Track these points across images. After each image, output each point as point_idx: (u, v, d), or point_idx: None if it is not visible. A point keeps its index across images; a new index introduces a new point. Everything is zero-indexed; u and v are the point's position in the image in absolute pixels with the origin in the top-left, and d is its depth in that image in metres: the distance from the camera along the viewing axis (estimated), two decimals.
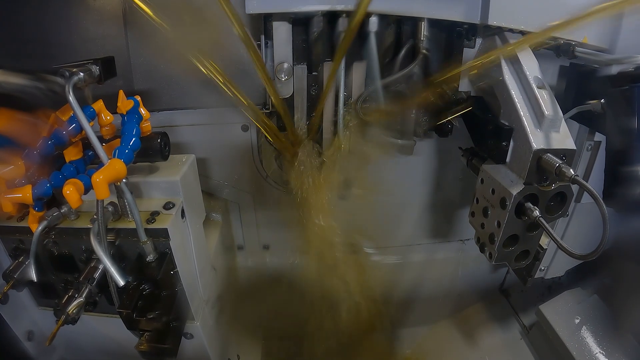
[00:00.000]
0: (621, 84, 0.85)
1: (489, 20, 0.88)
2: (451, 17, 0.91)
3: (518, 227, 0.86)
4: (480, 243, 0.96)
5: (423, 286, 1.58)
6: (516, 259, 0.91)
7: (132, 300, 0.80)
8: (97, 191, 0.68)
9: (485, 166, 0.93)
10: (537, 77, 0.85)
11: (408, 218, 1.50)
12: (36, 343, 1.04)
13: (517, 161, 0.86)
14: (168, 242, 0.86)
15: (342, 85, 1.00)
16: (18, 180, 0.75)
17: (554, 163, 0.76)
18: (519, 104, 0.85)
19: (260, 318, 1.58)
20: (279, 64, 0.98)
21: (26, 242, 0.87)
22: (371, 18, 0.90)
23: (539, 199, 0.82)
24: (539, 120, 0.82)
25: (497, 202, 0.87)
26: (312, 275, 1.39)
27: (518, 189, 0.81)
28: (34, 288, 0.99)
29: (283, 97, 1.02)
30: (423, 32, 0.95)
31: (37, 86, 0.66)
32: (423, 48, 0.96)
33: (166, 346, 0.85)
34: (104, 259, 0.73)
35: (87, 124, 0.69)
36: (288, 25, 0.94)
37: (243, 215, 1.43)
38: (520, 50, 0.88)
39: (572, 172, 0.73)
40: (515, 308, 1.65)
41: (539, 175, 0.81)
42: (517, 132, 0.85)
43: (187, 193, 0.94)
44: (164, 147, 0.89)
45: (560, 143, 0.81)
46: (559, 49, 0.92)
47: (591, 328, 1.29)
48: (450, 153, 1.32)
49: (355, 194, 1.25)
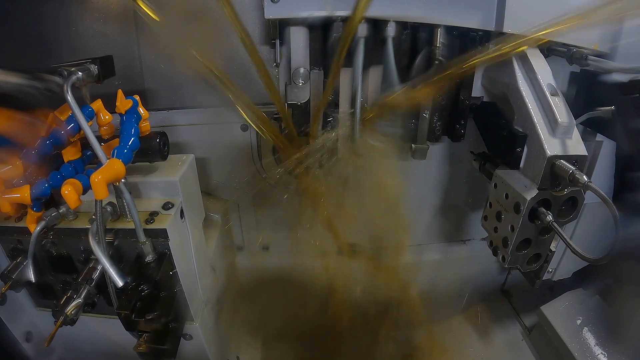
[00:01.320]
0: (632, 92, 0.87)
1: (504, 27, 0.89)
2: (467, 25, 0.92)
3: (531, 231, 0.88)
4: (494, 247, 0.98)
5: (424, 287, 1.57)
6: (528, 262, 0.93)
7: (131, 301, 0.79)
8: (95, 191, 0.68)
9: (499, 171, 0.95)
10: (550, 85, 0.87)
11: (410, 220, 1.49)
12: (34, 344, 1.03)
13: (531, 167, 0.87)
14: (167, 243, 0.86)
15: (359, 90, 0.99)
16: (16, 180, 0.74)
17: (567, 169, 0.78)
18: (533, 111, 0.86)
19: (260, 319, 1.58)
20: (295, 68, 0.99)
21: (24, 243, 0.87)
22: (389, 24, 0.91)
23: (551, 204, 0.84)
24: (553, 127, 0.84)
25: (510, 206, 0.88)
26: (310, 276, 1.38)
27: (532, 194, 0.83)
28: (32, 289, 0.98)
29: (300, 102, 1.03)
30: (439, 39, 0.96)
31: (34, 85, 0.66)
32: (439, 55, 0.96)
33: (165, 347, 0.84)
34: (102, 260, 0.73)
35: (86, 124, 0.69)
36: (305, 30, 0.95)
37: (243, 215, 1.43)
38: (534, 57, 0.89)
39: (585, 178, 0.75)
40: (516, 309, 1.64)
41: (553, 181, 0.83)
42: (531, 139, 0.87)
43: (186, 193, 0.94)
44: (163, 147, 0.89)
45: (573, 149, 0.82)
46: (572, 56, 0.93)
47: (593, 329, 1.28)
48: (454, 156, 1.32)
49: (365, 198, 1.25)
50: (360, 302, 1.57)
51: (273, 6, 0.87)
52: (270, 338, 1.66)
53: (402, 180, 1.33)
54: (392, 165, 1.19)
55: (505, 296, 1.71)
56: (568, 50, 0.94)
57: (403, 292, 1.58)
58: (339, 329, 1.62)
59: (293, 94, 1.01)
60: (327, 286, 1.51)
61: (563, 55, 0.95)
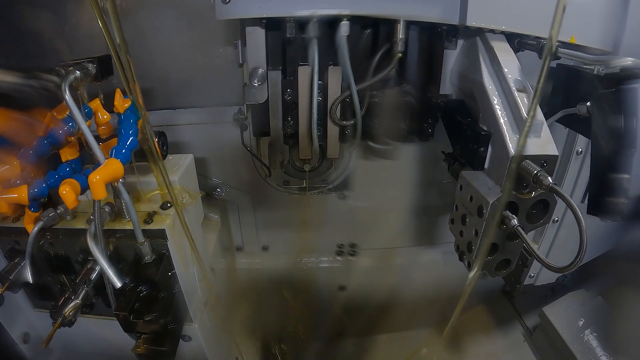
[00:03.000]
0: (608, 86, 0.80)
1: (467, 21, 0.85)
2: (428, 18, 0.88)
3: (497, 235, 0.81)
4: (460, 251, 0.92)
5: (425, 288, 1.57)
6: (496, 268, 0.87)
7: (129, 302, 0.79)
8: (93, 191, 0.67)
9: (464, 172, 0.89)
10: (518, 79, 0.81)
11: (406, 220, 1.49)
12: (32, 346, 1.03)
13: (495, 168, 0.82)
14: (166, 243, 0.85)
15: (315, 90, 0.97)
16: (13, 180, 0.74)
17: (532, 170, 0.72)
18: (497, 108, 0.82)
19: (260, 320, 1.57)
20: (252, 69, 0.97)
21: (22, 243, 0.86)
22: (342, 22, 0.88)
23: (518, 207, 0.78)
24: (518, 125, 0.78)
25: (474, 209, 0.83)
26: (310, 277, 1.38)
27: (495, 197, 0.77)
28: (29, 290, 0.98)
29: (258, 103, 1.01)
30: (399, 35, 0.92)
31: (30, 85, 0.65)
32: (398, 51, 0.93)
33: (163, 349, 0.84)
34: (100, 261, 0.72)
35: (84, 123, 0.68)
36: (261, 30, 0.93)
37: (242, 215, 1.42)
38: (501, 51, 0.84)
39: (550, 180, 0.70)
40: (518, 310, 1.63)
41: (518, 183, 0.77)
42: (495, 138, 0.82)
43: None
44: (162, 147, 0.89)
45: (541, 149, 0.76)
46: (541, 49, 0.87)
47: (595, 330, 1.27)
48: (437, 156, 1.30)
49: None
50: (361, 303, 1.56)
51: (224, 7, 0.85)
52: (269, 338, 1.65)
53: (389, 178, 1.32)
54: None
55: (507, 297, 1.70)
56: (537, 43, 0.88)
57: (404, 293, 1.57)
58: (339, 330, 1.61)
59: (251, 94, 0.99)
60: (327, 286, 1.50)
61: (533, 48, 0.89)
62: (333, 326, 1.60)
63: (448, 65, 1.01)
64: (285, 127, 1.05)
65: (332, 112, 1.02)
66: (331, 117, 1.03)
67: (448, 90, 1.03)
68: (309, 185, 1.34)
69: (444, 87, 1.03)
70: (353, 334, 1.63)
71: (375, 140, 1.14)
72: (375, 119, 1.07)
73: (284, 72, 1.00)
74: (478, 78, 0.87)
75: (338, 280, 1.54)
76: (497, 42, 0.87)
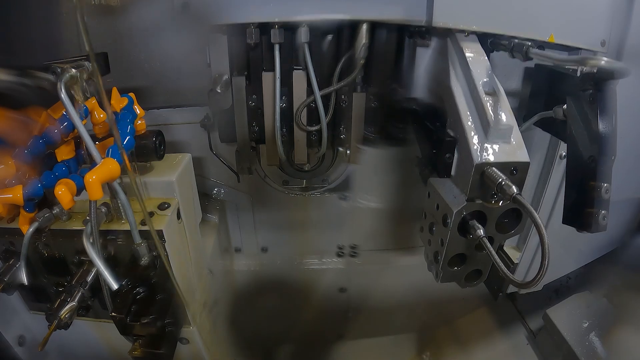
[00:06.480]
0: (584, 87, 0.74)
1: (433, 21, 0.81)
2: (392, 19, 0.85)
3: (463, 246, 0.78)
4: (428, 260, 0.88)
5: (427, 289, 1.55)
6: (467, 278, 0.83)
7: (126, 304, 0.77)
8: (90, 191, 0.66)
9: (432, 179, 0.85)
10: (486, 82, 0.77)
11: (403, 221, 1.47)
12: (28, 348, 1.02)
13: (461, 175, 0.78)
14: (163, 244, 0.84)
15: (277, 96, 0.96)
16: (8, 180, 0.73)
17: (496, 179, 0.68)
18: (462, 112, 0.77)
19: (259, 322, 1.55)
20: (217, 75, 0.96)
21: (17, 244, 0.85)
22: (301, 28, 0.87)
23: (487, 217, 0.75)
24: (486, 131, 0.74)
25: (440, 218, 0.79)
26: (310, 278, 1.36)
27: (459, 206, 0.73)
28: (25, 292, 0.97)
29: (224, 109, 0.99)
30: (362, 40, 0.90)
31: (24, 83, 0.64)
32: (361, 57, 0.91)
33: (161, 352, 0.82)
34: (96, 262, 0.72)
35: (80, 122, 0.67)
36: (223, 37, 0.93)
37: (241, 216, 1.41)
38: (470, 52, 0.81)
39: (514, 189, 0.65)
40: (521, 312, 1.61)
41: (484, 191, 0.73)
42: (461, 144, 0.77)
43: (183, 193, 0.92)
44: (159, 146, 0.88)
45: (510, 155, 0.72)
46: (513, 49, 0.83)
47: (600, 332, 1.26)
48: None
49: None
50: (362, 303, 1.55)
51: (185, 16, 0.84)
52: (269, 341, 1.64)
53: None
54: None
55: (510, 299, 1.68)
56: (510, 42, 0.84)
57: (406, 295, 1.55)
58: (339, 332, 1.60)
59: (215, 100, 0.97)
60: (327, 288, 1.49)
61: (505, 49, 0.86)
62: (333, 328, 1.59)
63: (421, 65, 0.96)
64: (251, 132, 1.04)
65: (297, 117, 1.01)
66: (296, 122, 1.02)
67: (420, 92, 0.99)
68: (309, 185, 1.33)
69: (415, 90, 0.98)
70: (353, 336, 1.62)
71: (343, 146, 1.12)
72: (342, 124, 1.06)
73: (249, 77, 0.99)
74: (446, 80, 0.83)
75: (338, 282, 1.53)
76: (467, 43, 0.84)
